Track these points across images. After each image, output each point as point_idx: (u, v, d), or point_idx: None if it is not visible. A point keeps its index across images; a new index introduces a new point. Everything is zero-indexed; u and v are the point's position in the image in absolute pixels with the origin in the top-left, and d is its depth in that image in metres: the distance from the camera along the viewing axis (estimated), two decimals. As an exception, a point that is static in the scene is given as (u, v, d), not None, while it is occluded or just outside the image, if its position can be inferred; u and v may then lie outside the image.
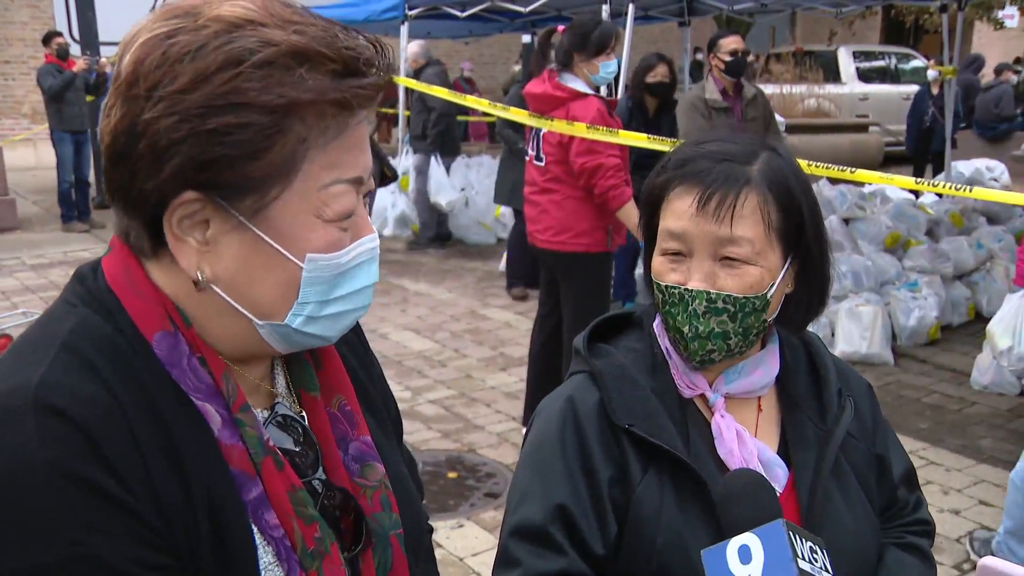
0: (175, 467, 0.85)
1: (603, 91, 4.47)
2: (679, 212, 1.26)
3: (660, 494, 1.23)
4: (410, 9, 8.98)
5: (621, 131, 4.23)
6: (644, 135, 4.64)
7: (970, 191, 3.44)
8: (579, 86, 4.25)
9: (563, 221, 4.26)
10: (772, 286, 1.27)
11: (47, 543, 0.77)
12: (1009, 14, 11.48)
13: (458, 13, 9.47)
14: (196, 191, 0.84)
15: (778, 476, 1.29)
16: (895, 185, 3.78)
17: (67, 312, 0.90)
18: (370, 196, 0.94)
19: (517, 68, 14.32)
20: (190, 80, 0.81)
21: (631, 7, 6.92)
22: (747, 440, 1.28)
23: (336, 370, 1.05)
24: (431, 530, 1.27)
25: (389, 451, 1.09)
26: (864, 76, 16.07)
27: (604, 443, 1.27)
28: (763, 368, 1.34)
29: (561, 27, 4.52)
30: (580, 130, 4.15)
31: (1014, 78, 13.61)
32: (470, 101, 6.52)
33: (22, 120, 14.99)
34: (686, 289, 1.25)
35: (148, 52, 0.83)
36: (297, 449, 0.98)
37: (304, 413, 1.01)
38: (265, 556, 0.89)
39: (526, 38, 12.26)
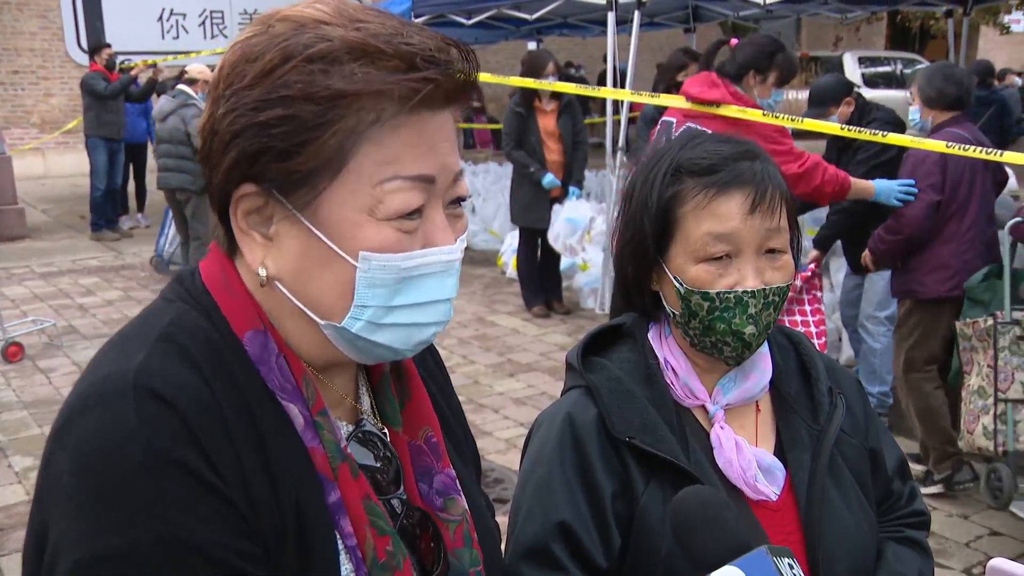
0: (264, 465, 0.85)
1: None
2: (725, 215, 1.24)
3: (664, 504, 1.24)
4: (416, 17, 9.02)
5: (806, 120, 4.07)
6: (786, 118, 4.23)
7: (1001, 155, 3.53)
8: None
9: None
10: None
11: (140, 522, 0.77)
12: (1016, 19, 11.47)
13: (464, 21, 9.50)
14: (253, 184, 0.86)
15: (777, 479, 1.30)
16: (924, 148, 3.87)
17: (165, 307, 0.91)
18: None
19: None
20: (252, 77, 0.84)
21: (637, 14, 6.95)
22: (745, 450, 1.29)
23: (423, 402, 1.04)
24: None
25: (470, 483, 1.08)
26: (870, 81, 16.05)
27: (605, 458, 1.27)
28: (756, 372, 1.34)
29: (734, 40, 4.31)
30: (731, 111, 3.95)
31: (1019, 81, 13.58)
32: (604, 92, 6.20)
33: (31, 129, 15.07)
34: (744, 291, 1.24)
35: (231, 56, 0.87)
36: (378, 465, 0.97)
37: (387, 431, 1.01)
38: (346, 564, 0.88)
39: (532, 45, 12.29)
